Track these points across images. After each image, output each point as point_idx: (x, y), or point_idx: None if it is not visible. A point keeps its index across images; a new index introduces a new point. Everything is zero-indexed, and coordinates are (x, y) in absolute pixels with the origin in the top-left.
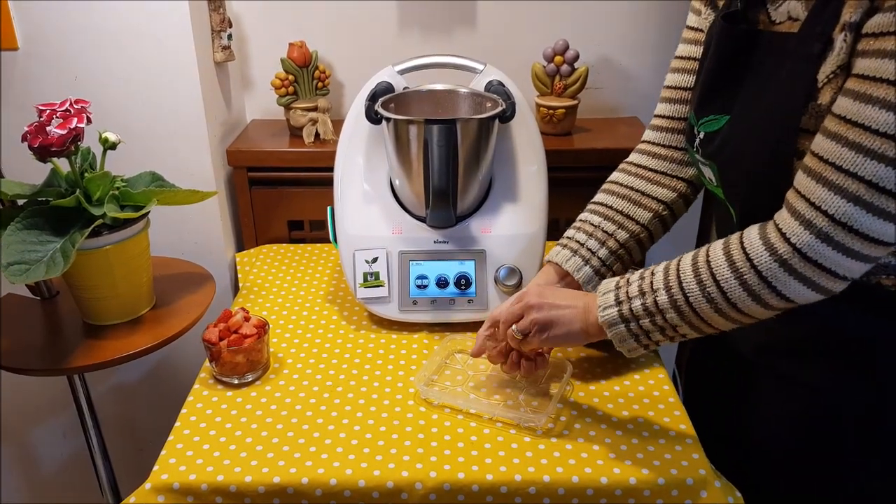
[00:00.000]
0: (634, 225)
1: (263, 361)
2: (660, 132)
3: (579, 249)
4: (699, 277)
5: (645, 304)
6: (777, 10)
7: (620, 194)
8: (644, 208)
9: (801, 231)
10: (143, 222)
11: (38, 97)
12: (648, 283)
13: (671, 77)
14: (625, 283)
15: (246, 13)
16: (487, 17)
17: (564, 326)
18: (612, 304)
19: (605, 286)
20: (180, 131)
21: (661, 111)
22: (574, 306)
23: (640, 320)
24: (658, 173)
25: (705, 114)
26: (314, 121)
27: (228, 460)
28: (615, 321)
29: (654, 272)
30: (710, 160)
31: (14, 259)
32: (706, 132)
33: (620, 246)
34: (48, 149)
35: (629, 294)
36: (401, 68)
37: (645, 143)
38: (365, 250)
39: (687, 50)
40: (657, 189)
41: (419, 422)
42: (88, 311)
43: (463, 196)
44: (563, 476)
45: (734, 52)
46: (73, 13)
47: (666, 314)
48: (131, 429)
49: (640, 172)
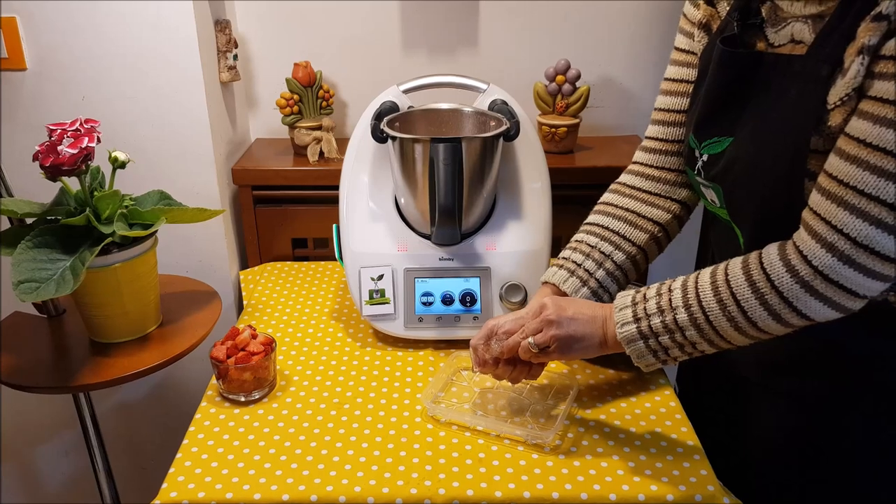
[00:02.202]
0: (631, 246)
1: (270, 379)
2: (652, 154)
3: (576, 270)
4: (719, 297)
5: (664, 321)
6: (778, 34)
7: (616, 215)
8: (640, 229)
9: (822, 254)
10: (152, 240)
11: (47, 117)
12: (667, 301)
13: (662, 99)
14: (641, 300)
15: (251, 34)
16: (490, 38)
17: (584, 342)
18: (630, 320)
19: (621, 301)
20: (186, 150)
21: (653, 133)
22: (593, 320)
23: (660, 337)
24: (652, 195)
25: (707, 136)
26: (318, 140)
27: (237, 478)
28: (634, 338)
29: (671, 289)
30: (715, 183)
31: (24, 277)
32: (710, 154)
33: (617, 267)
34: (59, 168)
35: (647, 311)
36: (405, 88)
37: (637, 164)
38: (370, 268)
39: (677, 72)
40: (652, 210)
41: (427, 439)
42: (96, 329)
43: (468, 213)
44: (571, 493)
45: (735, 75)
46: (81, 34)
47: (686, 332)
48: (135, 447)
49: (634, 194)
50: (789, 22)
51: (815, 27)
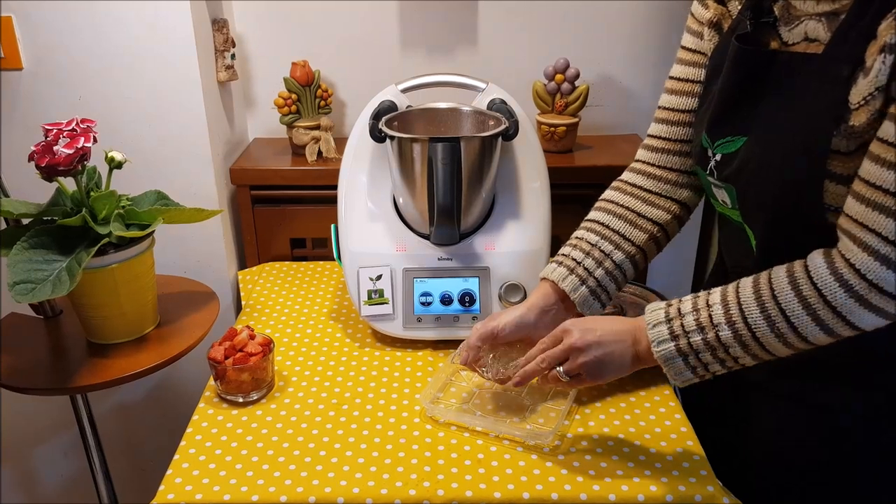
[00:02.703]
0: (630, 246)
1: (269, 380)
2: (655, 153)
3: (575, 268)
4: (766, 313)
5: (706, 339)
6: (791, 32)
7: (617, 213)
8: (640, 229)
9: (877, 267)
10: (149, 241)
11: (43, 117)
12: (707, 318)
13: (667, 98)
14: (676, 315)
15: (249, 33)
16: (489, 37)
17: (615, 364)
18: (666, 337)
19: (654, 317)
20: (184, 150)
21: (657, 132)
22: (622, 340)
23: (700, 354)
24: (653, 194)
25: (720, 135)
26: (317, 139)
27: (235, 479)
28: (672, 356)
29: (710, 304)
30: (728, 183)
31: (20, 278)
32: (723, 154)
33: (616, 266)
34: (55, 168)
35: (685, 328)
36: (404, 87)
37: (639, 162)
38: (369, 268)
39: (684, 71)
40: (653, 210)
41: (425, 439)
42: (93, 330)
43: (466, 213)
44: (571, 493)
45: (751, 73)
46: (78, 33)
47: (729, 348)
48: (133, 448)
49: (636, 192)
50: (802, 20)
51: (830, 25)
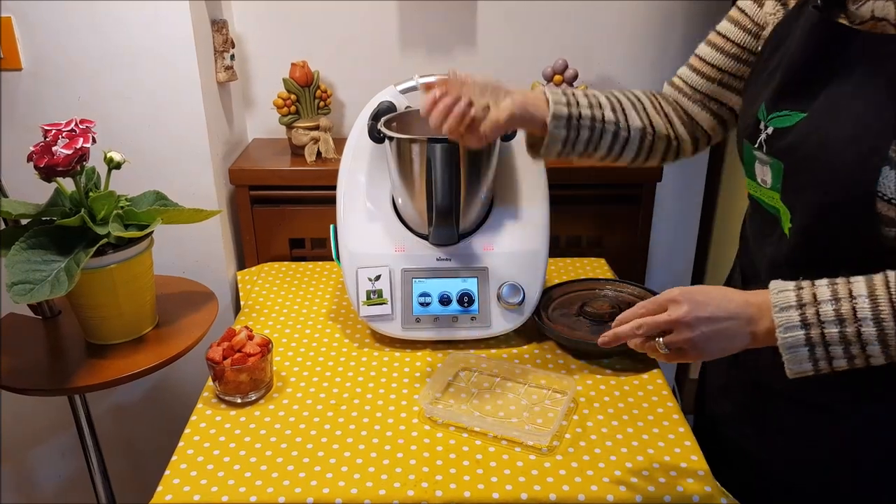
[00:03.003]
0: (625, 126)
1: (267, 380)
2: (673, 89)
3: (570, 101)
4: None
5: (844, 332)
6: (859, 10)
7: (630, 98)
8: (639, 116)
9: None
10: (147, 241)
11: (42, 117)
12: (849, 310)
13: (703, 48)
14: (811, 301)
15: (248, 34)
16: (488, 38)
17: (724, 342)
18: (796, 324)
19: (782, 298)
20: (183, 151)
21: (682, 74)
22: (736, 317)
23: (831, 347)
24: (661, 109)
25: (779, 108)
26: (316, 139)
27: (233, 480)
28: (798, 344)
29: (853, 295)
30: (777, 158)
31: (18, 278)
32: (776, 128)
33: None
34: (54, 168)
35: (821, 317)
36: (403, 88)
37: (659, 93)
38: (368, 268)
39: (729, 30)
40: (655, 115)
41: (424, 440)
42: (92, 331)
43: (465, 214)
44: (569, 494)
45: (825, 48)
46: (77, 34)
47: (867, 346)
48: (131, 449)
49: (651, 97)
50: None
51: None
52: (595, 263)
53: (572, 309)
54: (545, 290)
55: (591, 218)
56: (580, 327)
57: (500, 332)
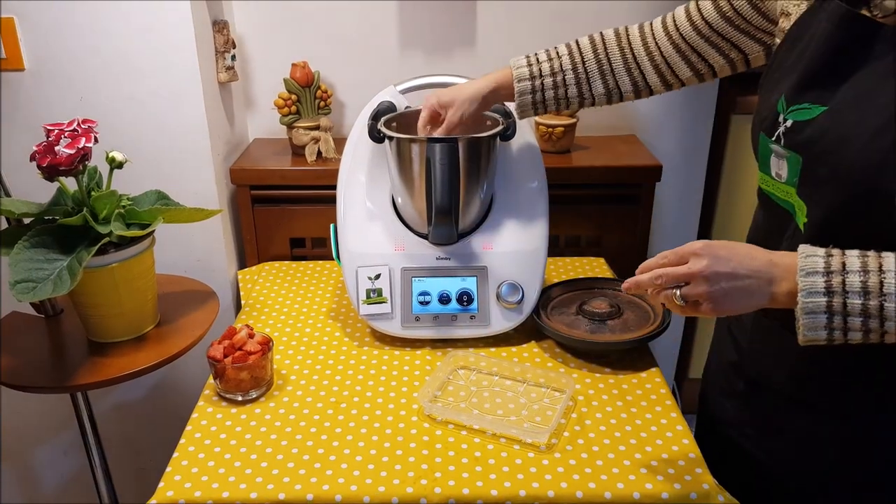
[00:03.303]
0: (587, 90)
1: (267, 378)
2: (662, 30)
3: (533, 65)
4: None
5: (867, 305)
6: (884, 2)
7: (597, 56)
8: (603, 83)
9: None
10: (149, 240)
11: (45, 117)
12: (876, 283)
13: (706, 4)
14: (839, 269)
15: (249, 34)
16: (488, 38)
17: (743, 300)
18: (820, 290)
19: (810, 262)
20: (184, 150)
21: (677, 18)
22: (758, 276)
23: (850, 318)
24: (633, 61)
25: (799, 101)
26: (316, 139)
27: (233, 477)
28: (819, 310)
29: (883, 269)
30: (795, 151)
31: (21, 277)
32: (795, 120)
33: (564, 87)
34: (57, 168)
35: (847, 287)
36: (402, 88)
37: (648, 25)
38: (368, 267)
39: (741, 1)
40: (623, 76)
41: (423, 438)
42: (93, 329)
43: (464, 213)
44: (566, 491)
45: (850, 40)
46: (79, 35)
47: (886, 321)
48: (133, 447)
49: (625, 49)
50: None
51: None
52: (594, 263)
53: (571, 308)
54: (544, 289)
55: (590, 217)
56: (579, 326)
57: (499, 330)
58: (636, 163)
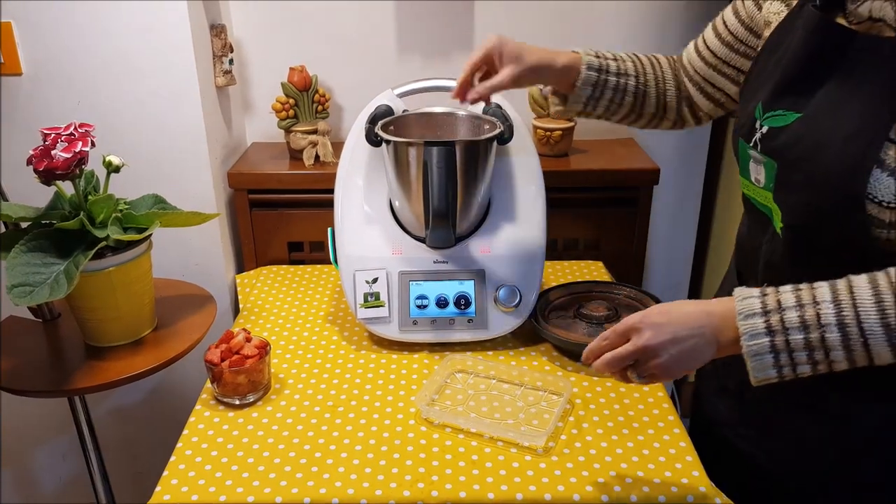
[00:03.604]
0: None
1: (265, 382)
2: (682, 61)
3: (602, 62)
4: (886, 320)
5: (808, 339)
6: (857, 9)
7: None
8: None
9: None
10: (146, 244)
11: (42, 121)
12: (814, 315)
13: (709, 33)
14: (775, 308)
15: (247, 38)
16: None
17: (692, 361)
18: (761, 331)
19: (747, 305)
20: (182, 154)
21: (688, 54)
22: (699, 334)
23: (795, 353)
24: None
25: (775, 107)
26: (314, 143)
27: (230, 480)
28: (763, 351)
29: (817, 301)
30: (770, 157)
31: (18, 281)
32: (771, 126)
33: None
34: (53, 172)
35: (786, 324)
36: (400, 91)
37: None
38: (365, 271)
39: (731, 21)
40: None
41: (420, 441)
42: (90, 333)
43: (462, 217)
44: (564, 495)
45: (825, 47)
46: (77, 39)
47: (831, 352)
48: (131, 451)
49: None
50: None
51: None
52: (592, 266)
53: (569, 311)
54: (542, 292)
55: (588, 221)
56: (577, 330)
57: (496, 334)
58: (634, 166)
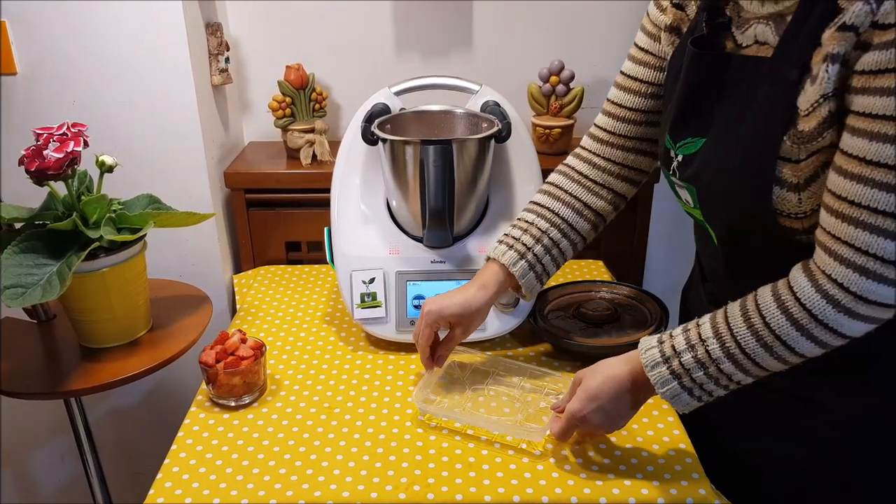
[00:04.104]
0: (575, 234)
1: (260, 383)
2: (600, 144)
3: (514, 244)
4: (762, 341)
5: (708, 372)
6: (744, 34)
7: (564, 200)
8: (584, 219)
9: (857, 278)
10: (140, 245)
11: (38, 121)
12: (704, 353)
13: (616, 93)
14: (672, 353)
15: (244, 37)
16: (484, 39)
17: (620, 419)
18: (658, 360)
19: (650, 357)
20: (178, 154)
21: (602, 124)
22: (620, 395)
23: (704, 385)
24: (597, 185)
25: (681, 137)
26: (311, 142)
27: (224, 483)
28: (677, 392)
29: (703, 338)
30: (689, 183)
31: (11, 282)
32: (684, 155)
33: (555, 245)
34: (45, 172)
35: (684, 366)
36: (397, 90)
37: (585, 150)
38: (362, 271)
39: (636, 70)
40: (597, 201)
41: (416, 443)
42: (85, 334)
43: (459, 216)
44: (561, 497)
45: (706, 76)
46: (72, 38)
47: (732, 376)
48: (128, 452)
49: (581, 180)
50: (752, 23)
51: (778, 28)
52: (592, 265)
53: (568, 311)
54: (541, 292)
55: None
56: (576, 329)
57: (495, 334)
58: None
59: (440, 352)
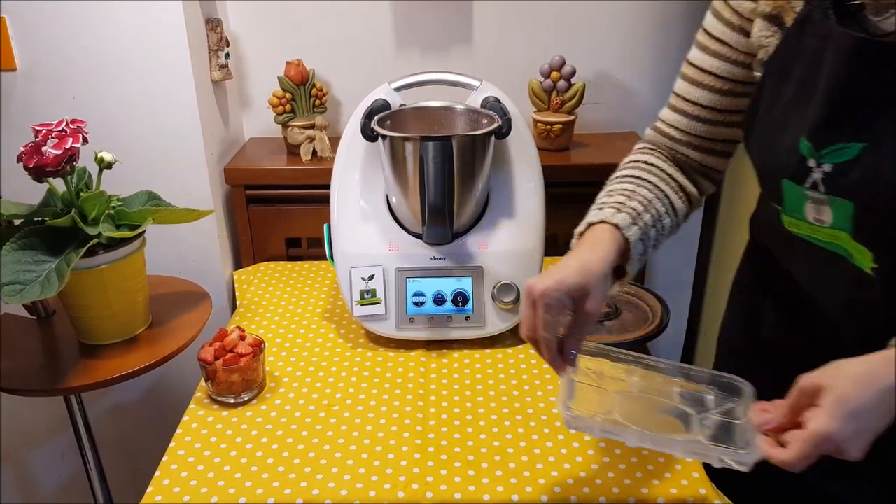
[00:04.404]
0: (674, 214)
1: (259, 380)
2: (669, 140)
3: (621, 208)
4: None
5: None
6: (882, 23)
7: (660, 177)
8: (682, 200)
9: None
10: (139, 241)
11: (38, 117)
12: None
13: (696, 91)
14: None
15: (244, 32)
16: (484, 35)
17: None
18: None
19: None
20: (178, 150)
21: (671, 120)
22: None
23: None
24: (683, 172)
25: (829, 141)
26: (311, 138)
27: (223, 481)
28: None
29: None
30: (842, 197)
31: (9, 279)
32: (834, 163)
33: (659, 220)
34: (43, 169)
35: None
36: (397, 85)
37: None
38: (361, 268)
39: (723, 68)
40: (690, 185)
41: (415, 441)
42: (84, 331)
43: (459, 212)
44: (561, 496)
45: (867, 69)
46: (71, 34)
47: None
48: (128, 449)
49: (665, 167)
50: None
51: None
52: None
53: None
54: None
55: None
56: None
57: (494, 331)
58: None
59: (568, 345)
